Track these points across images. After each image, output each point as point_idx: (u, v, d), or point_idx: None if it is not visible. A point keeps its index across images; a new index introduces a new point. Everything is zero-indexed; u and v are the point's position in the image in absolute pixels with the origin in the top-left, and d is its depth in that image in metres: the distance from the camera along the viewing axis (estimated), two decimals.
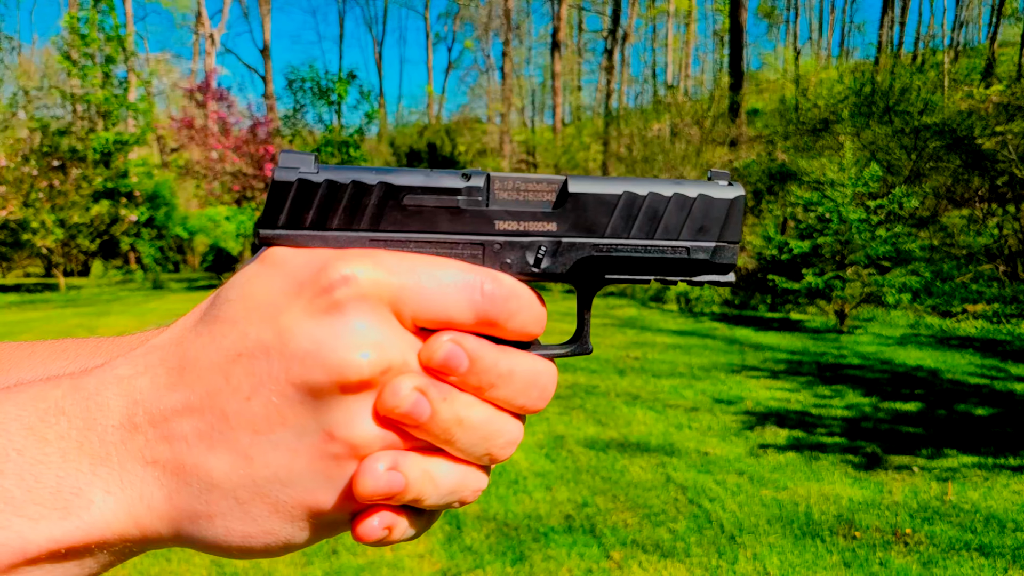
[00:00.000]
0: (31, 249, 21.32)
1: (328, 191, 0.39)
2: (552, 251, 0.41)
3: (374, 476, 0.36)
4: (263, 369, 0.35)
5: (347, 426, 0.36)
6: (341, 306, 0.35)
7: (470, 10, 50.66)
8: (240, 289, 0.37)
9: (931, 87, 18.62)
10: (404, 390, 0.36)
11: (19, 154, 20.10)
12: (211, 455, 0.35)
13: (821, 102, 18.77)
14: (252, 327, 0.35)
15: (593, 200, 0.41)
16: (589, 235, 0.42)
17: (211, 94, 20.97)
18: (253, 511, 0.36)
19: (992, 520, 3.92)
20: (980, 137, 14.51)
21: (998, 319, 11.09)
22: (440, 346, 0.37)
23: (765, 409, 6.23)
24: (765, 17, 51.81)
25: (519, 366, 0.40)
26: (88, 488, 0.34)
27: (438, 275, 0.38)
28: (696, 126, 21.10)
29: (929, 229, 14.22)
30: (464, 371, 0.38)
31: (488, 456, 0.41)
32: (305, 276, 0.36)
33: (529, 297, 0.40)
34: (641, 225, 0.42)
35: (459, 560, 3.49)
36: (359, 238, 0.39)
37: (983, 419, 5.88)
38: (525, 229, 0.41)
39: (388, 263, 0.37)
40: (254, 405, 0.35)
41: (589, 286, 0.44)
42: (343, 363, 0.34)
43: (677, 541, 3.68)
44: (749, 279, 14.20)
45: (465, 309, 0.38)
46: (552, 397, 0.43)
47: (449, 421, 0.38)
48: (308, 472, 0.36)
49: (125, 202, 22.90)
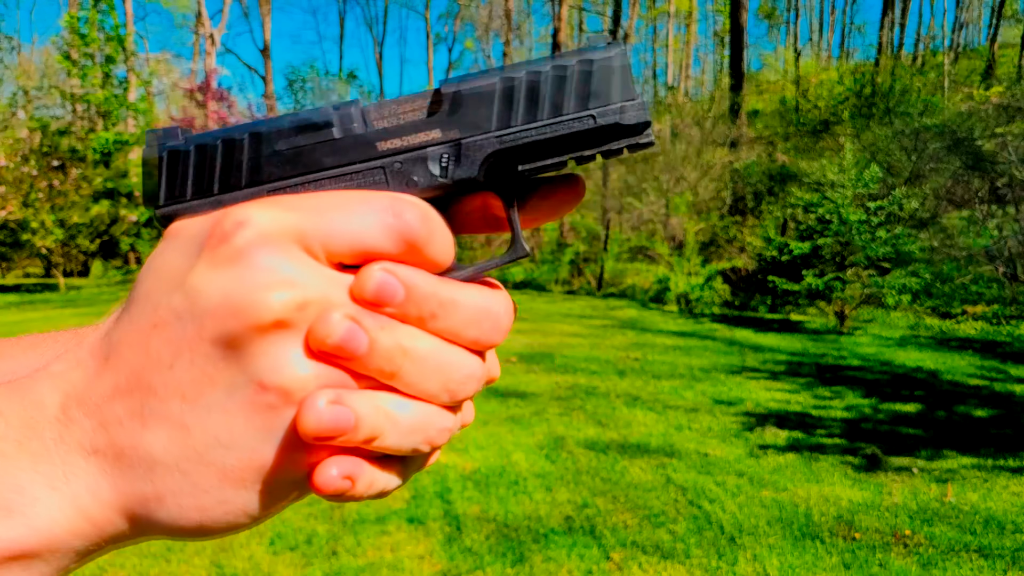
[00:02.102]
0: (31, 249, 21.31)
1: (199, 156, 0.38)
2: (455, 156, 0.39)
3: (316, 411, 0.33)
4: (178, 334, 0.34)
5: (276, 371, 0.33)
6: (243, 251, 0.33)
7: (471, 10, 50.66)
8: (148, 267, 0.36)
9: (931, 88, 18.65)
10: (335, 319, 0.33)
11: (19, 154, 20.10)
12: (146, 431, 0.34)
13: (821, 103, 18.79)
14: (163, 296, 0.34)
15: (470, 96, 0.39)
16: (480, 132, 0.39)
17: (211, 94, 21.00)
18: (201, 483, 0.34)
19: (992, 522, 3.92)
20: (980, 138, 14.52)
21: (998, 320, 11.10)
22: (371, 275, 0.35)
23: (765, 410, 6.23)
24: (766, 18, 51.86)
25: (462, 295, 0.37)
26: (31, 485, 0.33)
27: (343, 202, 0.36)
28: (696, 127, 21.09)
29: (929, 230, 14.21)
30: (400, 301, 0.35)
31: (447, 392, 0.37)
32: (203, 234, 0.35)
33: (438, 218, 0.38)
34: (528, 108, 0.40)
35: (459, 561, 3.49)
36: (250, 194, 0.38)
37: (983, 420, 5.88)
38: (410, 144, 0.39)
39: (285, 202, 0.35)
40: (178, 372, 0.34)
41: (506, 184, 0.42)
42: (254, 304, 0.32)
43: (677, 542, 3.68)
44: (749, 280, 14.20)
45: (380, 234, 0.35)
46: (510, 329, 0.39)
47: (392, 350, 0.35)
48: (248, 429, 0.34)
49: (125, 202, 22.89)
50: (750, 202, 18.43)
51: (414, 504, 4.13)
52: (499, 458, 4.94)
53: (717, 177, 18.54)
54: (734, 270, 14.79)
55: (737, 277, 14.75)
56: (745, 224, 17.27)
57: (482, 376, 0.39)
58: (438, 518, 3.97)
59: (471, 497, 4.27)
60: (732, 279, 14.77)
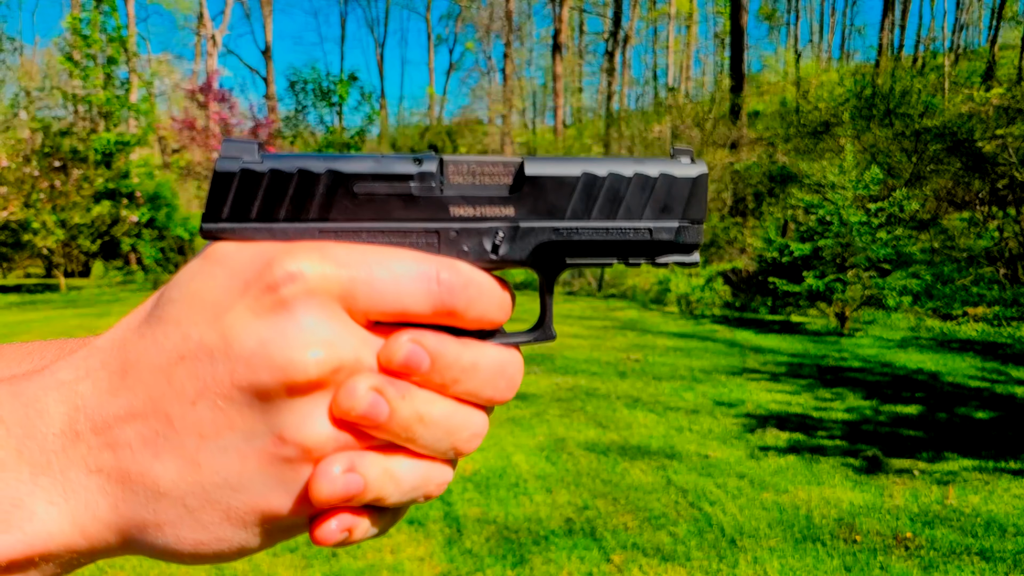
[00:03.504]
0: (32, 250, 21.34)
1: (273, 181, 0.37)
2: (510, 236, 0.40)
3: (330, 480, 0.34)
4: (207, 372, 0.33)
5: (299, 428, 0.34)
6: (288, 304, 0.33)
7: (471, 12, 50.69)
8: (183, 288, 0.35)
9: (931, 90, 18.64)
10: (360, 390, 0.34)
11: (20, 155, 20.13)
12: (157, 462, 0.34)
13: (822, 104, 18.78)
14: (195, 328, 0.34)
15: (551, 182, 0.40)
16: (548, 219, 0.40)
17: (213, 95, 21.02)
18: (204, 518, 0.35)
19: (993, 524, 3.91)
20: (980, 140, 14.52)
21: (999, 322, 11.09)
22: (400, 346, 0.36)
23: (766, 412, 6.23)
24: (766, 19, 51.85)
25: (483, 358, 0.38)
26: (29, 498, 0.33)
27: (391, 265, 0.36)
28: (697, 128, 21.11)
29: (930, 232, 14.21)
30: (426, 370, 0.36)
31: (453, 450, 0.39)
32: (250, 273, 0.34)
33: (489, 284, 0.39)
34: (602, 207, 0.40)
35: (459, 563, 3.49)
36: (308, 229, 0.37)
37: (984, 422, 5.88)
38: (481, 215, 0.39)
39: (337, 255, 0.35)
40: (200, 409, 0.34)
41: (550, 271, 0.42)
42: (290, 363, 0.33)
43: (678, 544, 3.68)
44: (750, 281, 14.20)
45: (421, 300, 0.36)
46: (519, 386, 0.42)
47: (409, 419, 0.36)
48: (260, 476, 0.34)
49: (126, 203, 22.91)
50: (751, 203, 18.44)
51: (414, 506, 4.13)
52: (499, 460, 4.94)
53: (718, 178, 18.54)
54: (735, 271, 14.79)
55: (738, 278, 14.74)
56: (746, 225, 17.28)
57: (484, 432, 0.40)
58: (438, 520, 3.97)
59: (471, 499, 4.26)
60: (733, 280, 14.77)
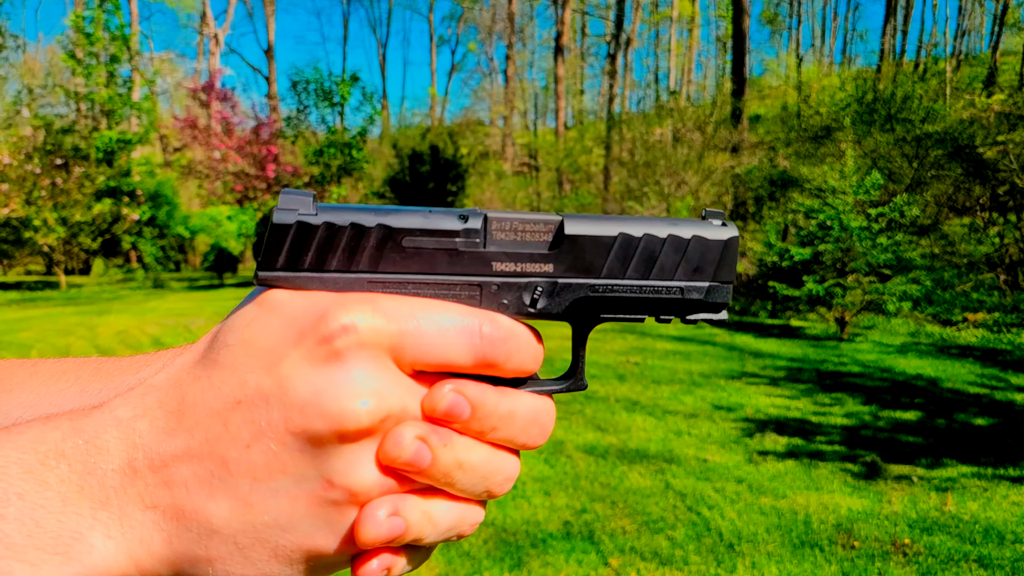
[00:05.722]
0: (33, 247, 21.35)
1: (326, 233, 0.39)
2: (549, 292, 0.42)
3: (375, 523, 0.37)
4: (263, 417, 0.35)
5: (347, 473, 0.36)
6: (341, 355, 0.35)
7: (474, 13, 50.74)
8: (239, 334, 0.37)
9: (933, 95, 18.65)
10: (406, 440, 0.37)
11: (22, 152, 20.15)
12: (211, 501, 0.36)
13: (823, 109, 18.79)
14: (251, 374, 0.36)
15: (589, 241, 0.42)
16: (586, 276, 0.42)
17: (215, 94, 21.03)
18: (253, 556, 0.37)
19: (991, 531, 3.91)
20: (982, 146, 14.53)
21: (999, 328, 11.08)
22: (443, 396, 0.38)
23: (764, 416, 6.23)
24: (768, 23, 51.89)
25: (519, 407, 0.41)
26: (89, 532, 0.34)
27: (437, 319, 0.38)
28: (698, 131, 21.11)
29: (930, 237, 14.21)
30: (467, 418, 0.39)
31: (487, 493, 0.42)
32: (305, 323, 0.36)
33: (527, 337, 0.41)
34: (637, 266, 0.42)
35: (457, 566, 3.49)
36: (357, 280, 0.39)
37: (983, 429, 5.88)
38: (522, 271, 0.41)
39: (388, 309, 0.37)
40: (254, 453, 0.35)
41: (584, 324, 0.45)
42: (343, 412, 0.35)
43: (675, 549, 3.68)
44: (750, 286, 14.20)
45: (464, 352, 0.39)
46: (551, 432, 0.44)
47: (450, 466, 0.38)
48: (308, 518, 0.36)
49: (127, 201, 22.93)
50: (751, 207, 18.45)
51: None
52: None
53: (718, 182, 18.55)
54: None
55: (738, 282, 14.75)
56: (746, 229, 17.28)
57: (516, 475, 0.43)
58: None
59: None
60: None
